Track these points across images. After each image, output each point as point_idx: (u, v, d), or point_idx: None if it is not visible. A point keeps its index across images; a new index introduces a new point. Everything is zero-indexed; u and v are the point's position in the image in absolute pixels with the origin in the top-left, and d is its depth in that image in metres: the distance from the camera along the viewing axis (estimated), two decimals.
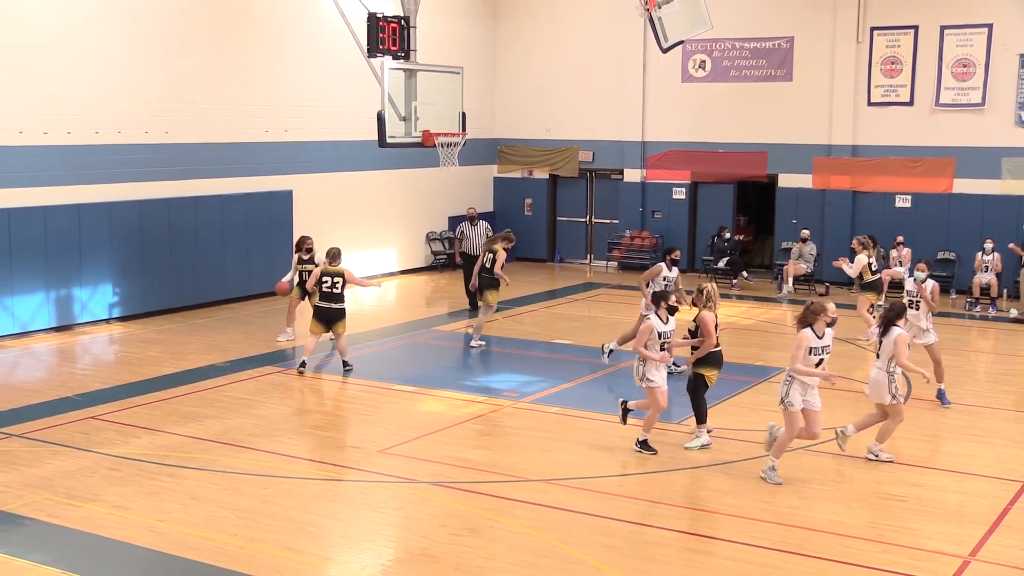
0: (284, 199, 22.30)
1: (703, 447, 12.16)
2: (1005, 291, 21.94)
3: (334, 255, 15.74)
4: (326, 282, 15.50)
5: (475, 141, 25.06)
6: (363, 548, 9.52)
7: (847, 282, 24.14)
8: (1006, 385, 15.79)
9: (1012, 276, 22.51)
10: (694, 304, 12.39)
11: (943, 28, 23.72)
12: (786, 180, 25.53)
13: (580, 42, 27.44)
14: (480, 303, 17.94)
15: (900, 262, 22.43)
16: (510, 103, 28.63)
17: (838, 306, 13.52)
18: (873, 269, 18.27)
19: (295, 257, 18.13)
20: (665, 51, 20.89)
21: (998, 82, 23.24)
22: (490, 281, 17.70)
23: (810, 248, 23.92)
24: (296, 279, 17.96)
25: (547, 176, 28.48)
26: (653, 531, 9.86)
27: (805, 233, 23.98)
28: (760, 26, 25.45)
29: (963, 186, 23.71)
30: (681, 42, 21.12)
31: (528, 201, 28.68)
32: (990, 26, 23.23)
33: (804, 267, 23.74)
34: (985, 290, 21.71)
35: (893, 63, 24.28)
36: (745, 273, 24.74)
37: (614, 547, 9.46)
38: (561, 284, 25.06)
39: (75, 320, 18.57)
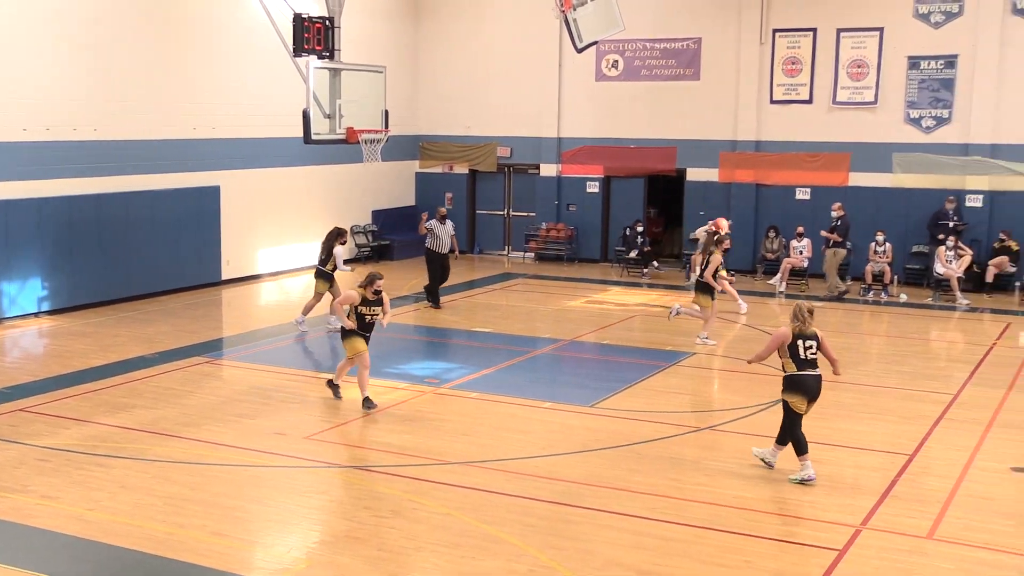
0: (212, 194, 21.94)
1: (804, 481, 10.58)
2: (896, 278, 22.39)
3: (372, 279, 13.47)
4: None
5: (397, 137, 24.91)
6: (289, 531, 9.42)
7: (751, 270, 24.53)
8: (896, 365, 16.11)
9: (902, 264, 23.04)
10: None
11: (839, 31, 24.12)
12: (694, 174, 25.76)
13: (499, 42, 27.40)
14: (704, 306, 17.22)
15: (802, 251, 22.91)
16: (431, 101, 28.49)
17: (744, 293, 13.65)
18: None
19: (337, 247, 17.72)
20: (579, 51, 20.97)
21: (889, 82, 23.71)
22: (703, 286, 17.13)
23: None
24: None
25: (467, 171, 28.43)
26: (570, 510, 9.89)
27: (711, 223, 24.21)
28: (669, 27, 25.62)
29: (858, 179, 24.16)
30: (595, 43, 21.21)
31: (449, 195, 28.58)
32: (881, 30, 23.68)
33: None
34: (878, 277, 22.18)
35: (794, 63, 24.63)
36: (655, 263, 24.94)
37: (533, 525, 9.48)
38: (480, 275, 25.03)
39: (3, 314, 18.08)
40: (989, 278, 22.14)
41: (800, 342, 10.62)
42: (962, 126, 23.15)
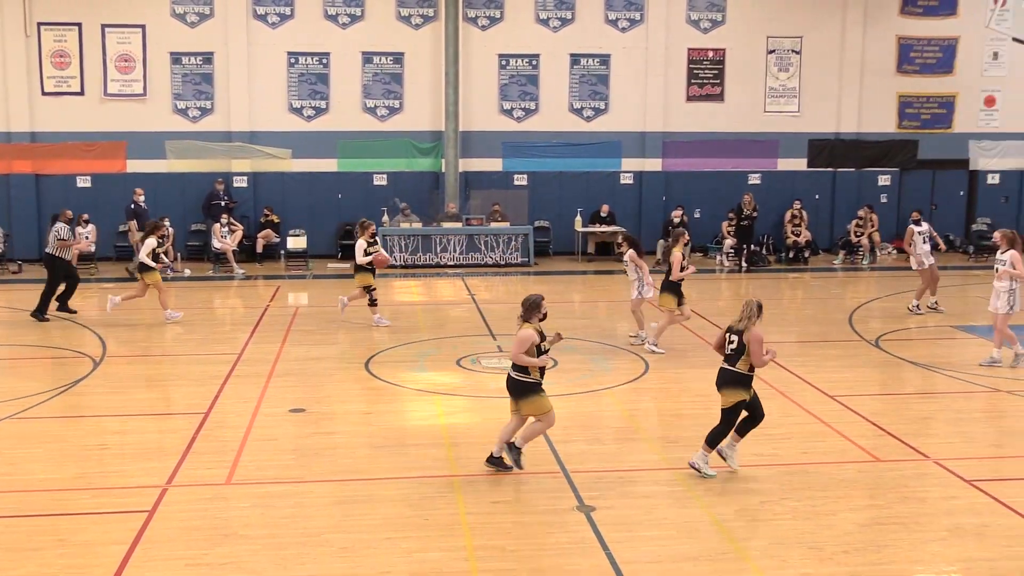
0: None
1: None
2: (179, 255, 22.66)
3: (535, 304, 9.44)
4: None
5: None
6: None
7: (37, 259, 23.09)
8: (187, 334, 16.24)
9: (184, 241, 23.31)
10: None
11: (104, 26, 23.48)
12: None
13: None
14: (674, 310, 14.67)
15: (87, 236, 22.05)
16: None
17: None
18: None
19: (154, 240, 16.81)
20: None
21: (156, 75, 23.67)
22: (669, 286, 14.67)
23: None
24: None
25: None
26: None
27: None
28: None
29: (136, 166, 23.85)
30: None
31: None
32: (144, 27, 23.52)
33: None
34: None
35: (62, 56, 23.47)
36: None
37: None
38: None
39: None
40: (259, 248, 23.32)
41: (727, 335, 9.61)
42: (224, 116, 23.91)
